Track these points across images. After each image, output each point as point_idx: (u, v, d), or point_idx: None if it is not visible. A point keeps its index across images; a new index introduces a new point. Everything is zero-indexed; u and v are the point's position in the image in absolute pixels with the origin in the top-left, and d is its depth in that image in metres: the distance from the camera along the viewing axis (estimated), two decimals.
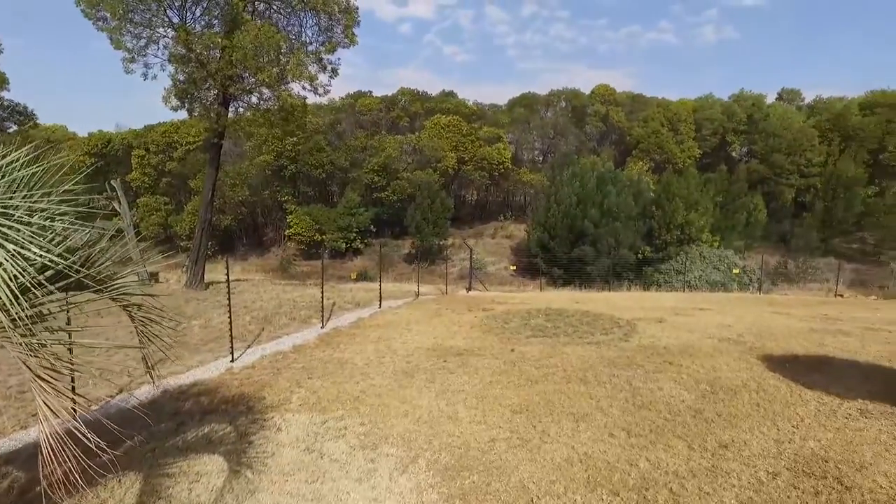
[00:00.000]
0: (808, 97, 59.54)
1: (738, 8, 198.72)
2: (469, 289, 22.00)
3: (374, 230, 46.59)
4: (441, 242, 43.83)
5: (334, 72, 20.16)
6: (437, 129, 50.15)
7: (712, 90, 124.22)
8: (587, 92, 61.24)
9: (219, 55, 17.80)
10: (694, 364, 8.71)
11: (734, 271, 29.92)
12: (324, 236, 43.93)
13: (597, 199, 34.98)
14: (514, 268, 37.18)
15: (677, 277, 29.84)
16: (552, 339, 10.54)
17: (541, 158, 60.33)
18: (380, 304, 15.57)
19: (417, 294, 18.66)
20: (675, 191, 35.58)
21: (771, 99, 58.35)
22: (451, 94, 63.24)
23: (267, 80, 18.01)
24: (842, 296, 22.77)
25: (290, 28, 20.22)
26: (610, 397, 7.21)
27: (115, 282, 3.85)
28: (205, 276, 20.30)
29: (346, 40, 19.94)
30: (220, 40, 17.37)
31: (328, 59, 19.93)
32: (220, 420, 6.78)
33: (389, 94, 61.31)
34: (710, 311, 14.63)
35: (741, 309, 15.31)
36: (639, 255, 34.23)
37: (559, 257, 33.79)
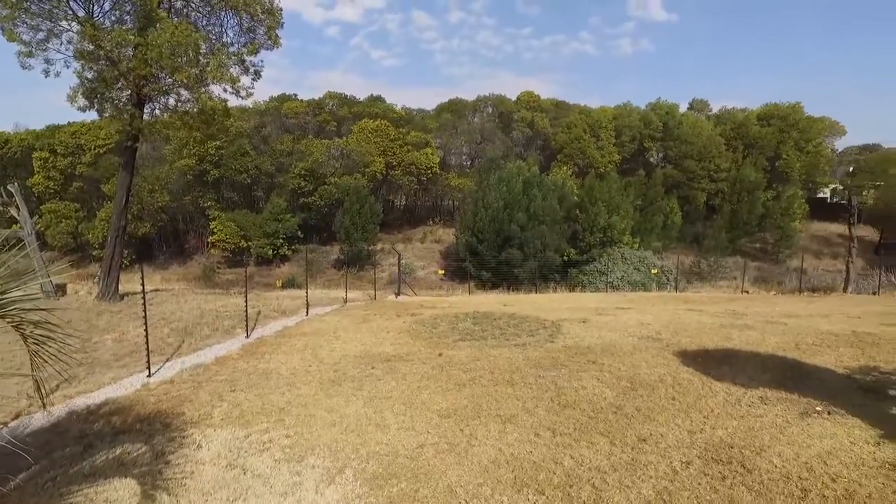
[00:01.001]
0: (715, 107, 63.55)
1: (652, 22, 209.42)
2: (398, 294, 21.96)
3: (302, 236, 45.68)
4: (370, 248, 43.54)
5: (257, 74, 19.59)
6: (365, 134, 49.83)
7: (630, 98, 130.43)
8: (513, 98, 62.62)
9: (131, 53, 16.87)
10: (615, 362, 9.05)
11: (653, 271, 31.41)
12: (249, 243, 42.64)
13: (523, 203, 35.81)
14: (443, 272, 37.44)
15: (601, 278, 30.99)
16: (480, 343, 10.69)
17: (469, 163, 61.09)
18: (307, 312, 15.27)
19: (346, 300, 18.44)
20: (598, 195, 36.99)
21: (684, 108, 61.82)
22: (378, 99, 63.02)
23: (185, 82, 17.24)
24: (747, 292, 24.34)
25: (210, 28, 19.44)
26: (536, 398, 7.38)
27: (5, 297, 3.55)
28: (119, 287, 19.18)
29: (269, 42, 19.42)
30: (132, 38, 16.44)
31: (251, 61, 19.32)
32: (134, 440, 6.42)
33: (316, 97, 60.46)
34: (630, 310, 15.26)
35: (659, 307, 16.06)
36: (564, 258, 35.31)
37: (487, 261, 34.34)
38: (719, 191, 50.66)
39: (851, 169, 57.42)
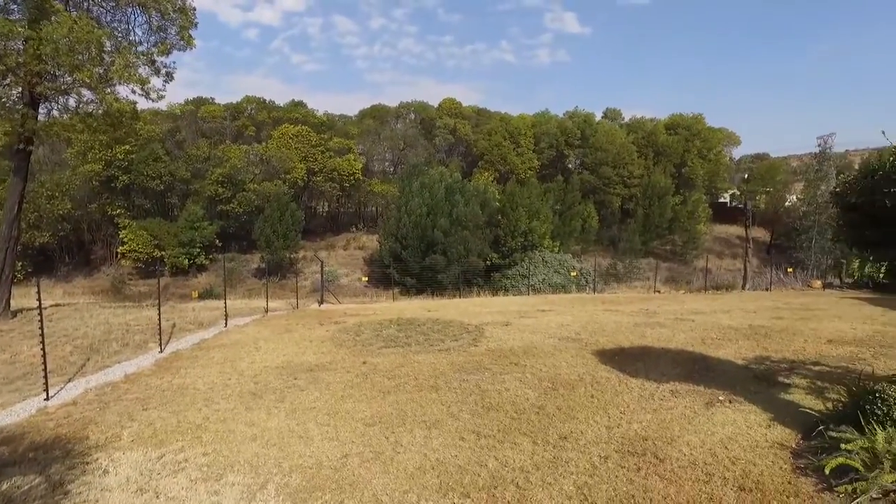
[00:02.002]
0: (627, 116, 66.80)
1: (568, 34, 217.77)
2: (321, 302, 21.54)
3: (221, 245, 43.97)
4: (292, 255, 42.55)
5: (169, 76, 18.60)
6: (286, 140, 48.72)
7: (549, 107, 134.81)
8: (435, 105, 63.19)
9: (21, 47, 15.53)
10: (537, 363, 9.31)
11: (572, 274, 32.51)
12: (163, 252, 40.54)
13: (446, 208, 36.15)
14: (367, 279, 37.13)
15: (522, 281, 31.72)
16: (404, 349, 10.68)
17: (392, 169, 61.05)
18: (226, 323, 14.69)
19: (267, 310, 17.89)
20: (519, 200, 37.92)
21: (599, 117, 64.55)
22: (300, 104, 61.80)
23: (87, 81, 16.06)
24: (659, 292, 25.68)
25: (115, 24, 18.29)
26: (460, 402, 7.46)
27: None
28: (11, 303, 17.61)
29: (182, 43, 18.49)
30: (21, 30, 15.12)
31: (162, 62, 18.28)
32: (26, 471, 5.83)
33: (235, 101, 58.50)
34: (551, 312, 15.73)
35: (578, 308, 16.65)
36: (487, 262, 35.93)
37: (411, 266, 34.39)
38: (633, 196, 53.24)
39: (746, 176, 61.99)
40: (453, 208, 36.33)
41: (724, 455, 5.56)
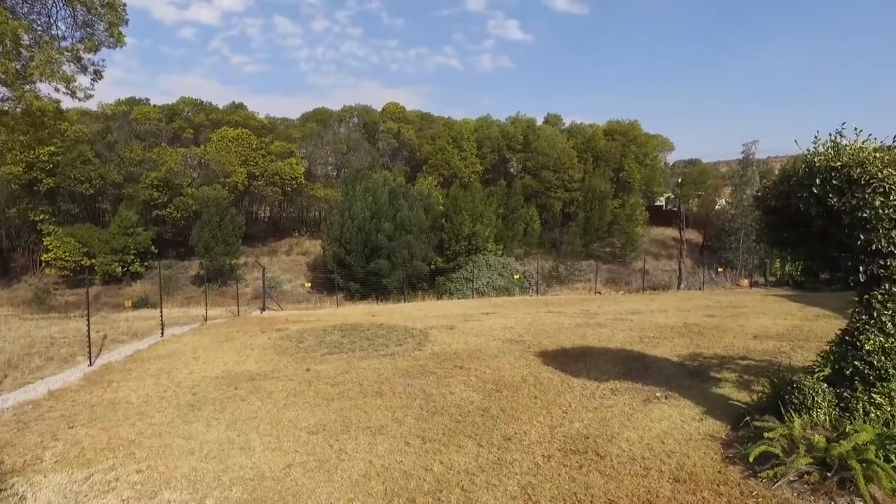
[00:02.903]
0: (567, 122, 68.41)
1: (510, 41, 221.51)
2: (263, 309, 21.06)
3: (157, 251, 42.22)
4: (233, 262, 41.37)
5: (98, 74, 17.69)
6: (225, 143, 47.35)
7: (491, 112, 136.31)
8: (379, 109, 62.90)
9: None
10: (481, 366, 9.40)
11: (515, 276, 33.01)
12: (93, 260, 38.56)
13: (390, 213, 36.05)
14: (311, 284, 36.54)
15: (467, 285, 31.96)
16: (348, 355, 10.58)
17: (335, 173, 60.35)
18: (162, 333, 14.14)
19: (206, 318, 17.34)
20: (462, 204, 38.21)
21: (540, 122, 65.84)
22: (240, 106, 60.21)
23: (3, 77, 15.12)
24: (600, 293, 26.43)
25: (34, 17, 17.24)
26: (405, 407, 7.45)
27: None
28: None
29: (111, 39, 17.61)
30: None
31: (90, 59, 17.39)
32: None
33: (171, 102, 56.34)
34: (495, 314, 15.93)
35: (522, 311, 16.92)
36: (431, 266, 36.02)
37: (356, 271, 34.09)
38: (573, 199, 54.54)
39: (680, 180, 64.59)
40: (397, 212, 36.25)
41: (660, 449, 5.78)
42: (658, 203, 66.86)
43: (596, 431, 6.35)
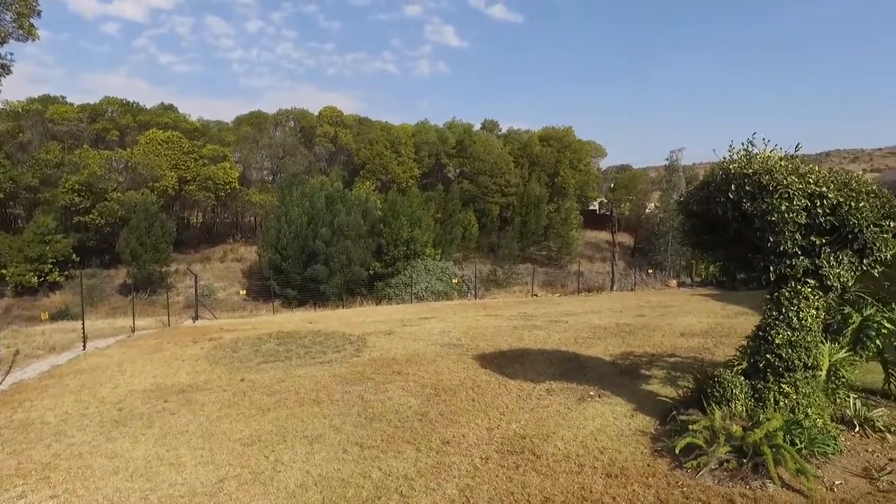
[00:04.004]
0: (504, 128, 69.59)
1: (447, 47, 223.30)
2: (196, 318, 20.32)
3: (79, 259, 39.83)
4: (163, 269, 39.67)
5: (5, 68, 16.60)
6: (154, 146, 45.35)
7: (429, 117, 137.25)
8: (316, 113, 62.02)
9: None
10: (420, 370, 9.42)
11: (454, 281, 33.24)
12: (5, 270, 36.06)
13: (327, 218, 35.60)
14: (246, 292, 35.55)
15: (406, 290, 31.91)
16: (284, 363, 10.36)
17: (270, 178, 59.04)
18: (84, 346, 13.40)
19: (133, 329, 16.58)
20: (400, 209, 38.17)
21: (477, 127, 66.68)
22: (170, 108, 57.90)
23: None
24: (536, 295, 26.98)
25: None
26: (343, 414, 7.37)
27: None
28: None
29: (20, 32, 16.54)
30: None
31: None
32: None
33: (93, 102, 53.39)
34: (433, 319, 15.99)
35: (460, 315, 17.05)
36: (370, 271, 35.77)
37: (293, 278, 33.44)
38: (510, 204, 55.47)
39: (612, 185, 66.96)
40: (335, 218, 35.84)
41: (593, 446, 5.98)
42: (592, 207, 68.97)
43: (532, 431, 6.49)
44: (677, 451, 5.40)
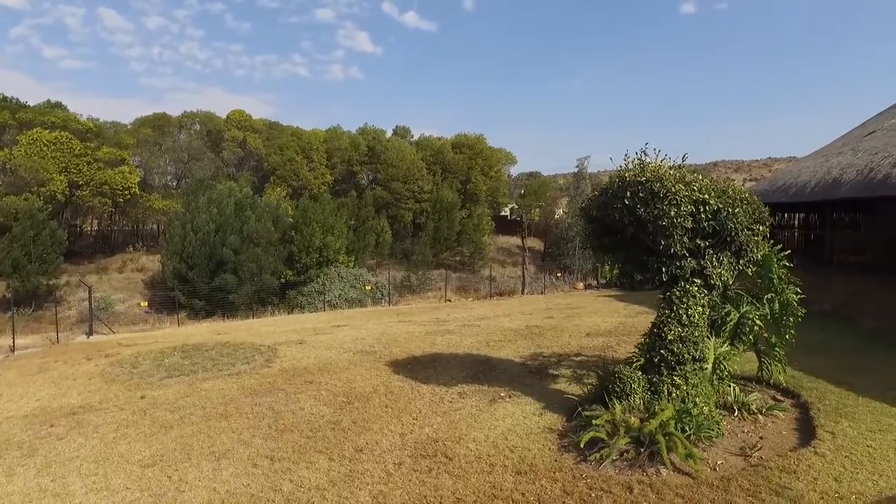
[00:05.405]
0: (416, 134, 69.99)
1: (360, 52, 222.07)
2: (90, 333, 18.91)
3: None
4: (51, 282, 36.51)
5: None
6: (39, 147, 41.63)
7: (342, 122, 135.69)
8: (224, 116, 59.65)
9: None
10: (332, 379, 9.29)
11: (367, 288, 33.01)
12: None
13: (236, 225, 34.31)
14: (147, 304, 33.52)
15: (319, 298, 31.33)
16: (190, 377, 9.88)
17: (175, 184, 56.08)
18: None
19: (13, 348, 15.19)
20: (312, 216, 37.43)
21: (389, 133, 66.59)
22: (58, 106, 53.34)
23: None
24: (450, 300, 27.32)
25: None
26: (252, 427, 7.15)
27: None
28: None
29: None
30: None
31: None
32: None
33: None
34: (346, 326, 15.80)
35: (374, 322, 16.96)
36: (282, 280, 34.79)
37: (200, 288, 31.91)
38: (423, 210, 55.73)
39: (522, 191, 68.90)
40: (244, 225, 34.58)
41: (504, 445, 6.16)
42: (503, 213, 70.60)
43: (445, 434, 6.59)
44: (582, 446, 5.68)
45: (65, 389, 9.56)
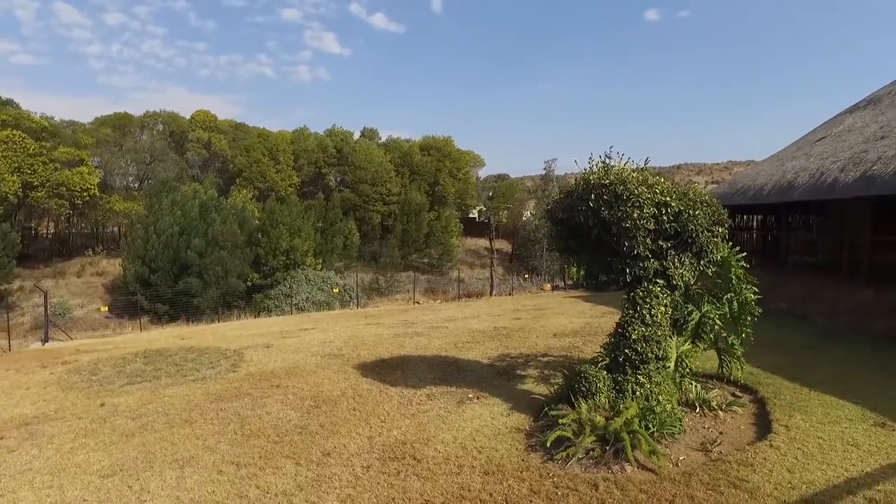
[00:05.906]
0: (384, 136, 69.83)
1: (327, 53, 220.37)
2: (45, 340, 18.29)
3: None
4: (3, 287, 35.25)
5: None
6: None
7: (309, 124, 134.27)
8: (188, 116, 58.53)
9: None
10: (299, 383, 9.20)
11: (335, 290, 32.75)
12: None
13: (201, 227, 33.68)
14: (107, 308, 32.58)
15: (286, 301, 30.96)
16: (152, 383, 9.65)
17: (137, 185, 54.75)
18: None
19: None
20: (279, 218, 37.01)
21: (357, 135, 66.27)
22: (9, 103, 51.44)
23: None
24: (418, 303, 27.29)
25: None
26: (218, 433, 7.03)
27: None
28: None
29: None
30: None
31: None
32: None
33: None
34: (314, 330, 15.65)
35: (342, 324, 16.83)
36: (248, 283, 34.29)
37: (163, 292, 31.19)
38: (391, 212, 55.64)
39: (490, 194, 69.37)
40: (209, 227, 33.96)
41: (472, 446, 6.20)
42: (471, 215, 70.93)
43: (413, 437, 6.60)
44: (549, 445, 5.75)
45: (17, 399, 9.20)
